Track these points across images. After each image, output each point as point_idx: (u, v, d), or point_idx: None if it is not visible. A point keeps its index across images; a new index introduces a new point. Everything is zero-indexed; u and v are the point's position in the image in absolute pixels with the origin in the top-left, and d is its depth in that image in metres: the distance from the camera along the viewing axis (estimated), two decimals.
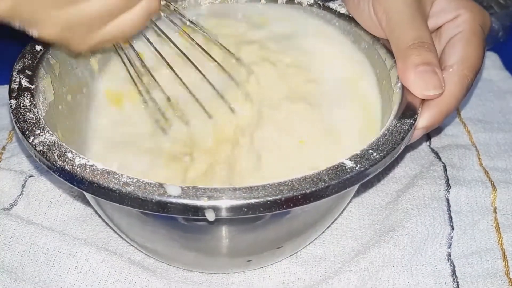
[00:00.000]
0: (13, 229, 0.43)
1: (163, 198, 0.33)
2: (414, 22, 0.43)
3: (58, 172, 0.35)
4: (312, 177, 0.35)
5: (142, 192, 0.34)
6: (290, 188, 0.34)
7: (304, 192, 0.34)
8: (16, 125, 0.38)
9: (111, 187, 0.34)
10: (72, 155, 0.36)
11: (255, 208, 0.33)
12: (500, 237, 0.45)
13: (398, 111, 0.40)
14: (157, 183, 0.34)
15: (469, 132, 0.55)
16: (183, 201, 0.33)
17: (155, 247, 0.42)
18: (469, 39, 0.44)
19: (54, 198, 0.47)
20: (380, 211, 0.47)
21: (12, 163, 0.50)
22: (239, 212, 0.34)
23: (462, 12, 0.45)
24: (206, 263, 0.43)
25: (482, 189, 0.48)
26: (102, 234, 0.46)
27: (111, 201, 0.34)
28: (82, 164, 0.35)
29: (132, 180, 0.34)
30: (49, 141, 0.37)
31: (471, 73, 0.43)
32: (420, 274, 0.43)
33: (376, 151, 0.37)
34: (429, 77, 0.41)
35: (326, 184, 0.34)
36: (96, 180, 0.34)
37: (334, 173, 0.35)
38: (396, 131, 0.38)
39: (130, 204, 0.34)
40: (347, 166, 0.35)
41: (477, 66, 0.43)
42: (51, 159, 0.36)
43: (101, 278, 0.41)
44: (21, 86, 0.41)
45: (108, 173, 0.35)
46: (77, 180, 0.35)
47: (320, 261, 0.44)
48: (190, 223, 0.37)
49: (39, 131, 0.37)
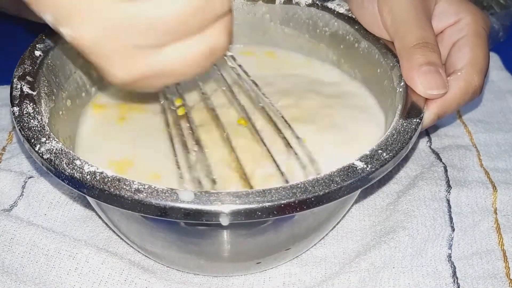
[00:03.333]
0: (13, 230, 0.43)
1: (176, 204, 0.33)
2: (419, 22, 0.43)
3: (68, 180, 0.35)
4: (324, 179, 0.35)
5: (155, 198, 0.33)
6: (303, 191, 0.34)
7: (317, 194, 0.34)
8: (21, 133, 0.37)
9: (122, 194, 0.33)
10: (80, 163, 0.35)
11: (269, 211, 0.33)
12: (501, 238, 0.45)
13: (404, 110, 0.40)
14: (169, 189, 0.34)
15: (469, 132, 0.55)
16: (196, 206, 0.33)
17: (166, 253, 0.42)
18: (475, 42, 0.44)
19: (54, 199, 0.47)
20: (380, 212, 0.47)
21: (12, 164, 0.50)
22: (253, 216, 0.33)
23: (463, 16, 0.45)
24: (215, 267, 0.43)
25: (482, 190, 0.48)
26: (103, 235, 0.46)
27: (123, 208, 0.34)
28: (92, 171, 0.35)
29: (143, 187, 0.34)
30: (56, 149, 0.36)
31: (480, 78, 0.43)
32: (421, 275, 0.43)
33: (386, 151, 0.37)
34: (433, 77, 0.41)
35: (339, 185, 0.34)
36: (107, 188, 0.34)
37: (345, 174, 0.35)
38: (403, 130, 0.39)
39: (142, 210, 0.34)
40: (358, 167, 0.36)
41: (485, 69, 0.44)
42: (59, 167, 0.35)
43: (101, 280, 0.41)
44: (22, 92, 0.40)
45: (119, 180, 0.34)
46: (88, 188, 0.34)
47: (321, 262, 0.44)
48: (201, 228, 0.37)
49: (44, 139, 0.37)
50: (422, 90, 0.41)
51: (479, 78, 0.43)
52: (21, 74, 0.42)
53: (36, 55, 0.43)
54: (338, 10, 0.50)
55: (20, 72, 0.42)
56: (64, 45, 0.45)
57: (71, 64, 0.46)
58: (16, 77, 0.41)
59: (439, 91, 0.41)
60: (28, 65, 0.42)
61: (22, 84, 0.41)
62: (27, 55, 0.43)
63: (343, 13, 0.50)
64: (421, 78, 0.41)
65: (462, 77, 0.43)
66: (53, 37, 0.45)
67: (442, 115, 0.42)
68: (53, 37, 0.45)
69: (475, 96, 0.44)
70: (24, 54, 0.43)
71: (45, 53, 0.44)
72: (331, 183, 0.34)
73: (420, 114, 0.40)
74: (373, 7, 0.46)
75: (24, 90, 0.41)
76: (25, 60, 0.43)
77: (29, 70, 0.42)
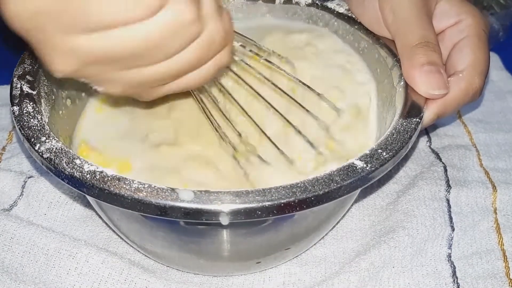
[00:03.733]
0: (13, 230, 0.43)
1: (176, 203, 0.33)
2: (421, 21, 0.43)
3: (67, 180, 0.35)
4: (324, 178, 0.35)
5: (155, 197, 0.33)
6: (302, 190, 0.34)
7: (317, 194, 0.34)
8: (21, 133, 0.37)
9: (122, 193, 0.33)
10: (80, 162, 0.35)
11: (269, 210, 0.33)
12: (501, 237, 0.45)
13: (403, 110, 0.40)
14: (169, 188, 0.34)
15: (469, 132, 0.55)
16: (196, 205, 0.33)
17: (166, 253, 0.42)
18: (476, 44, 0.44)
19: (54, 198, 0.47)
20: (380, 212, 0.47)
21: (12, 163, 0.50)
22: (253, 215, 0.33)
23: (464, 17, 0.45)
24: (215, 266, 0.43)
25: (482, 190, 0.48)
26: (102, 235, 0.46)
27: (122, 207, 0.34)
28: (92, 170, 0.35)
29: (143, 186, 0.34)
30: (56, 148, 0.36)
31: (480, 80, 0.43)
32: (421, 274, 0.43)
33: (385, 151, 0.37)
34: (434, 77, 0.41)
35: (338, 184, 0.35)
36: (107, 187, 0.34)
37: (345, 174, 0.35)
38: (403, 130, 0.39)
39: (142, 210, 0.34)
40: (357, 166, 0.36)
41: (486, 71, 0.44)
42: (59, 167, 0.35)
43: (101, 279, 0.41)
44: (22, 92, 0.40)
45: (118, 179, 0.34)
46: (87, 187, 0.34)
47: (321, 262, 0.44)
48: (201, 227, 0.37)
49: (44, 138, 0.37)
50: (423, 90, 0.41)
51: (480, 80, 0.43)
52: (21, 73, 0.42)
53: None
54: (338, 10, 0.51)
55: (20, 71, 0.42)
56: None
57: None
58: (16, 76, 0.41)
59: (441, 91, 0.41)
60: (28, 65, 0.42)
61: (22, 84, 0.41)
62: (27, 54, 0.43)
63: (342, 12, 0.50)
64: (422, 77, 0.41)
65: (464, 78, 0.43)
66: None
67: (441, 115, 0.43)
68: None
69: (475, 98, 0.44)
70: (24, 54, 0.43)
71: None
72: (331, 183, 0.35)
73: (420, 114, 0.40)
74: (374, 6, 0.46)
75: (24, 89, 0.41)
76: (25, 59, 0.43)
77: (29, 69, 0.42)
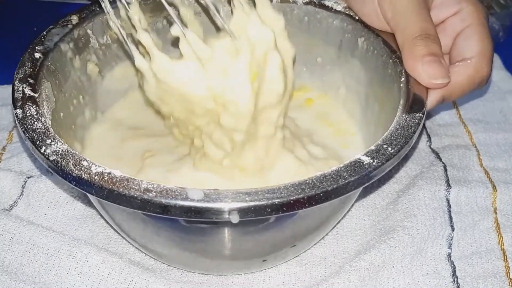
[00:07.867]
0: (13, 230, 0.43)
1: (186, 203, 0.33)
2: (420, 14, 0.43)
3: (75, 182, 0.35)
4: (331, 174, 0.35)
5: (164, 197, 0.33)
6: (311, 186, 0.34)
7: (326, 190, 0.34)
8: (26, 136, 0.37)
9: (132, 194, 0.33)
10: (87, 164, 0.35)
11: (278, 208, 0.34)
12: (501, 237, 0.45)
13: (406, 105, 0.41)
14: (178, 188, 0.34)
15: (469, 132, 0.55)
16: (206, 204, 0.33)
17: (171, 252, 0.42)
18: (481, 32, 0.44)
19: (54, 198, 0.47)
20: (380, 212, 0.47)
21: (12, 163, 0.50)
22: (263, 213, 0.34)
23: (464, 6, 0.45)
24: (220, 265, 0.43)
25: (482, 190, 0.48)
26: (102, 234, 0.46)
27: (132, 208, 0.34)
28: (100, 172, 0.35)
29: (152, 186, 0.34)
30: (62, 150, 0.36)
31: (488, 67, 0.44)
32: (421, 274, 0.43)
33: (391, 146, 0.37)
34: (436, 67, 0.42)
35: (346, 180, 0.35)
36: (116, 188, 0.34)
37: (352, 169, 0.35)
38: (407, 125, 0.39)
39: (152, 210, 0.33)
40: (364, 162, 0.36)
41: (492, 59, 0.45)
42: (66, 169, 0.35)
43: (101, 279, 0.41)
44: (24, 95, 0.40)
45: (127, 180, 0.34)
46: (96, 188, 0.34)
47: (320, 262, 0.44)
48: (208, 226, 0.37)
49: (49, 140, 0.37)
50: (426, 79, 0.42)
51: (488, 68, 0.44)
52: (22, 76, 0.42)
53: (36, 57, 0.43)
54: (336, 7, 0.51)
55: (21, 74, 0.42)
56: (62, 47, 0.45)
57: (70, 66, 0.46)
58: (17, 79, 0.41)
59: (443, 80, 0.42)
60: (28, 67, 0.42)
61: (24, 86, 0.41)
62: (26, 57, 0.43)
63: (340, 10, 0.50)
64: (425, 67, 0.42)
65: (472, 65, 0.43)
66: (51, 38, 0.45)
67: (446, 98, 0.43)
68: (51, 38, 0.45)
69: (481, 85, 0.44)
70: (23, 56, 0.43)
71: (45, 55, 0.43)
72: (339, 178, 0.35)
73: (423, 109, 0.40)
74: (373, 0, 0.46)
75: (26, 92, 0.40)
76: (25, 62, 0.43)
77: (29, 72, 0.42)
